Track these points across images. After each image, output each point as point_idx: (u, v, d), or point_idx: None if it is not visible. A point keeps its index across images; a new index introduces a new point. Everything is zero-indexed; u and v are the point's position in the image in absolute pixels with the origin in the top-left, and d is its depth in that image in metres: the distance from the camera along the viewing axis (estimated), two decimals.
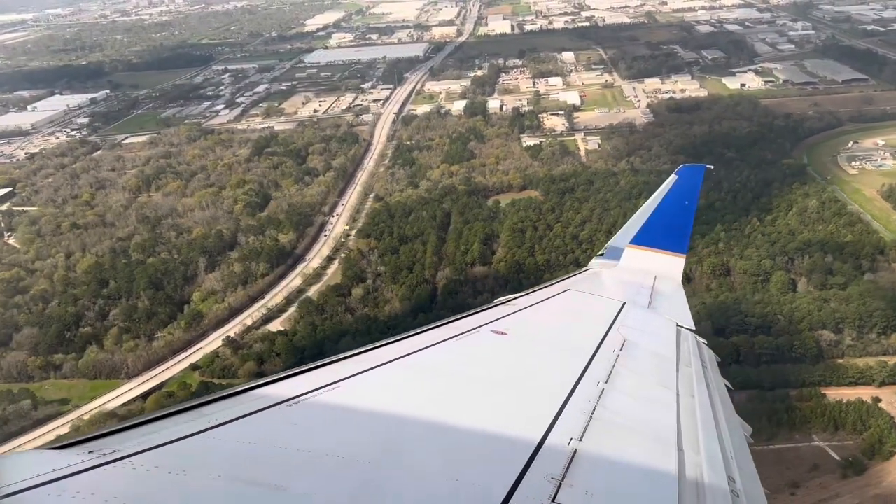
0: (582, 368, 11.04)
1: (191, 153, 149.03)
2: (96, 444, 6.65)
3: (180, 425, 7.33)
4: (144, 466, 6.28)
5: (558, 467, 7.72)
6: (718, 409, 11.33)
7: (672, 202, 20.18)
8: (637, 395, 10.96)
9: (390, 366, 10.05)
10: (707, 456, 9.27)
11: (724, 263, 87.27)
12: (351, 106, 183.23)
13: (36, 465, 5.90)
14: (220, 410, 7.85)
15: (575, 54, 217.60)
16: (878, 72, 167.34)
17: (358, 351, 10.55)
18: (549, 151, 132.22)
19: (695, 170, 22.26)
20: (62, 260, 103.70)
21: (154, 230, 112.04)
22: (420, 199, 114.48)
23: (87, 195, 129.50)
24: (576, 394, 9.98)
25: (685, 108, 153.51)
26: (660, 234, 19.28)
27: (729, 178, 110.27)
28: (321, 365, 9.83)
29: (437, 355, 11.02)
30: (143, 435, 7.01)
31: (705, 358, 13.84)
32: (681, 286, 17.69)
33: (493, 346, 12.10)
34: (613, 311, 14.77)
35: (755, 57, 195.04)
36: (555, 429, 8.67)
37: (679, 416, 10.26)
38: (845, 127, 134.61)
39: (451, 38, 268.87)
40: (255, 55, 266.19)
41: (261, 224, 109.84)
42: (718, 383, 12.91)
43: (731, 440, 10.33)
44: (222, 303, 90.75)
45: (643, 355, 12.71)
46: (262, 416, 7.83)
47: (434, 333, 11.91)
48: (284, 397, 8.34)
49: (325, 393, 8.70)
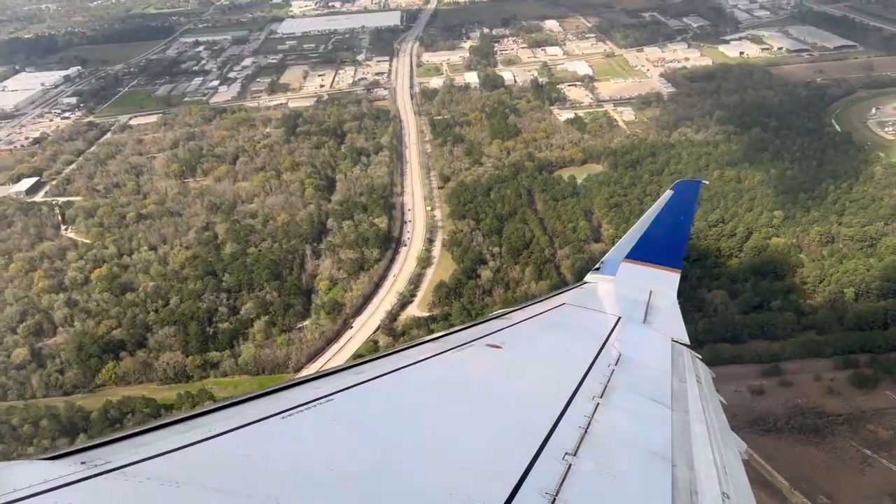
0: (577, 383, 11.14)
1: (218, 134, 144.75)
2: (89, 454, 6.69)
3: (173, 436, 7.37)
4: (137, 477, 6.29)
5: (553, 482, 7.79)
6: (713, 424, 11.59)
7: (668, 217, 20.63)
8: (632, 411, 11.06)
9: (385, 378, 10.09)
10: (701, 471, 9.45)
11: (828, 231, 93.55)
12: (357, 80, 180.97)
13: (28, 476, 5.90)
14: (214, 422, 7.90)
15: (559, 23, 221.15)
16: (863, 38, 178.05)
17: (353, 364, 10.68)
18: (596, 124, 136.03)
19: (691, 185, 23.22)
20: (149, 253, 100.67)
21: (229, 218, 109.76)
22: (494, 177, 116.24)
23: (131, 183, 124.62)
24: (570, 408, 10.05)
25: (699, 77, 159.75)
26: (655, 249, 19.46)
27: (786, 147, 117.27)
28: (316, 377, 9.97)
29: (432, 368, 11.06)
30: (136, 446, 7.06)
31: (700, 373, 14.07)
32: (676, 301, 17.88)
33: (488, 360, 12.10)
34: (609, 326, 14.92)
35: (738, 24, 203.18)
36: (549, 443, 8.73)
37: (673, 432, 10.42)
38: (860, 94, 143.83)
39: (418, 5, 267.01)
40: (219, 26, 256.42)
41: (347, 208, 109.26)
42: (713, 398, 13.19)
43: (726, 456, 10.59)
44: (351, 290, 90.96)
45: (638, 370, 12.78)
46: (255, 428, 7.85)
47: (429, 346, 12.00)
48: (279, 410, 8.33)
49: (320, 405, 8.70)
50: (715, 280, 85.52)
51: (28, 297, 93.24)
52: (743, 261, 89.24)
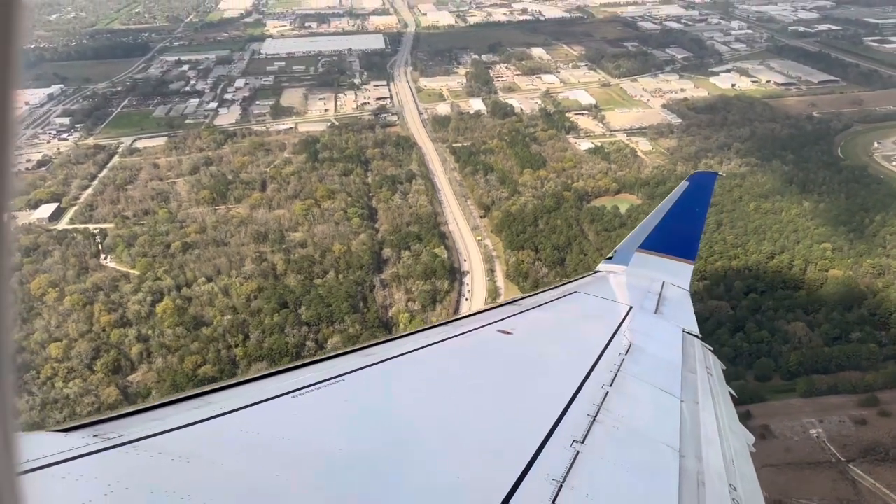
0: (587, 371, 11.15)
1: (237, 160, 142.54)
2: (101, 427, 6.77)
3: (185, 412, 7.43)
4: (148, 452, 6.33)
5: (560, 469, 7.81)
6: (722, 416, 11.66)
7: (683, 208, 20.61)
8: (641, 400, 11.11)
9: (394, 361, 10.13)
10: (709, 463, 9.50)
11: (879, 263, 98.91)
12: (360, 104, 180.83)
13: (41, 447, 5.91)
14: (225, 399, 7.94)
15: (546, 50, 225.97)
16: (843, 73, 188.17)
17: (363, 346, 10.88)
18: (620, 155, 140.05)
19: (706, 177, 23.36)
20: (209, 285, 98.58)
21: (279, 247, 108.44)
22: (538, 207, 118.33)
23: (163, 211, 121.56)
24: (579, 396, 10.07)
25: (702, 108, 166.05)
26: (670, 240, 19.41)
27: (811, 180, 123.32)
28: (326, 358, 10.14)
29: (442, 353, 11.08)
30: (148, 421, 7.11)
31: (710, 365, 14.14)
32: (688, 292, 17.95)
33: (498, 346, 12.15)
34: (620, 315, 14.95)
35: (721, 56, 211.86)
36: (557, 430, 8.75)
37: (682, 423, 10.46)
38: (856, 128, 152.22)
39: (397, 29, 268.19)
40: (195, 44, 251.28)
41: (402, 238, 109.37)
42: (723, 391, 13.19)
43: (734, 448, 10.66)
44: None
45: (648, 360, 12.78)
46: (266, 407, 7.86)
47: (439, 331, 12.11)
48: (288, 389, 8.36)
49: (330, 386, 8.74)
50: (790, 312, 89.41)
51: (93, 331, 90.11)
52: (810, 293, 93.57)
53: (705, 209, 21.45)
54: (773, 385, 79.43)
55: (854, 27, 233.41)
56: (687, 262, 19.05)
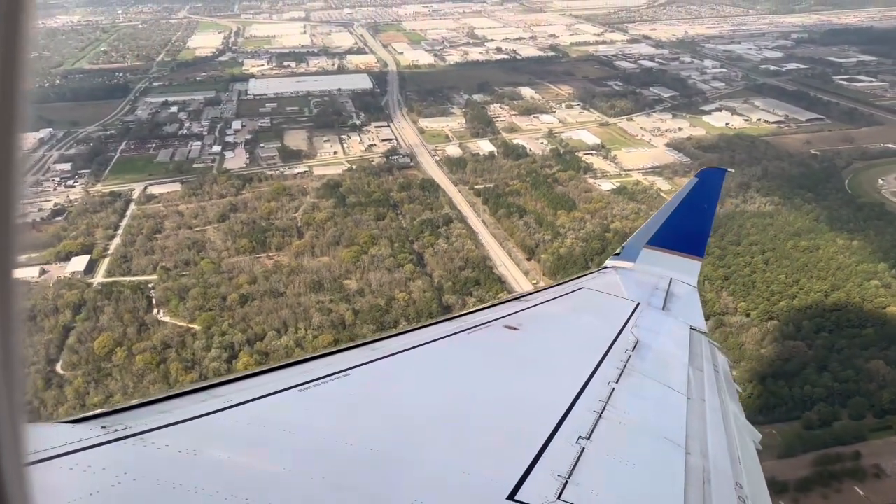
0: (593, 367, 11.18)
1: (264, 206, 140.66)
2: (109, 419, 6.78)
3: (192, 405, 7.47)
4: (156, 444, 6.37)
5: (565, 465, 7.84)
6: (728, 413, 11.72)
7: (692, 204, 20.47)
8: (647, 397, 11.15)
9: (401, 356, 10.17)
10: (715, 460, 9.53)
11: None
12: (368, 146, 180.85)
13: (49, 438, 5.96)
14: (233, 392, 7.99)
15: (534, 90, 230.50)
16: (825, 111, 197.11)
17: (370, 340, 10.89)
18: (647, 195, 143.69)
19: (715, 173, 23.31)
20: (282, 339, 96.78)
21: (338, 295, 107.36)
22: (585, 250, 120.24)
23: (205, 262, 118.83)
24: (586, 392, 10.11)
25: (706, 147, 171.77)
26: (678, 236, 19.45)
27: (836, 217, 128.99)
28: (333, 352, 10.16)
29: (448, 348, 11.15)
30: (156, 413, 7.11)
31: (717, 362, 14.17)
32: (696, 289, 18.03)
33: (505, 341, 12.22)
34: (627, 312, 14.99)
35: (705, 95, 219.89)
36: (563, 426, 8.79)
37: (688, 420, 10.47)
38: (856, 165, 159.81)
39: (378, 68, 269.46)
40: (176, 84, 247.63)
41: (462, 284, 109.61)
42: (730, 388, 13.28)
43: (740, 445, 10.68)
44: None
45: (655, 357, 12.82)
46: (273, 400, 7.92)
47: (445, 326, 12.23)
48: (296, 382, 8.45)
49: (337, 380, 8.80)
50: (864, 350, 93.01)
51: None
52: (876, 329, 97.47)
53: (714, 206, 21.58)
54: (867, 424, 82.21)
55: (821, 66, 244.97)
56: (695, 259, 19.20)
